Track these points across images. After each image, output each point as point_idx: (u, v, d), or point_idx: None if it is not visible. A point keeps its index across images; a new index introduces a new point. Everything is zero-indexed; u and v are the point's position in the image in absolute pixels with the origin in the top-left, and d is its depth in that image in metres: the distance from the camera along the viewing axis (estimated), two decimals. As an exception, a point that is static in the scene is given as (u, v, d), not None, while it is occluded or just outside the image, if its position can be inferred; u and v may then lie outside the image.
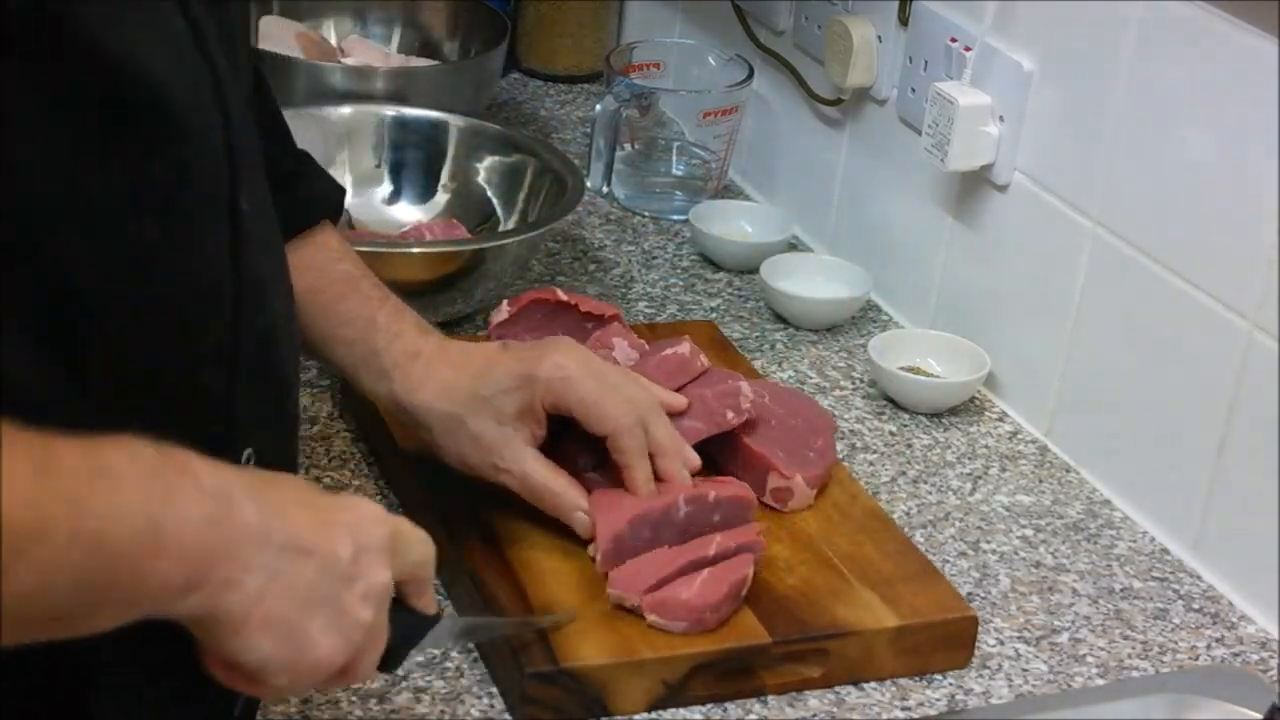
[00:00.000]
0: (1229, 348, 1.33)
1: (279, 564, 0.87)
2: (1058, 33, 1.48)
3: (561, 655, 1.15)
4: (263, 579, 0.86)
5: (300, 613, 0.89)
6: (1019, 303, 1.55)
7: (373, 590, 0.92)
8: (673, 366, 1.34)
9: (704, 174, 1.87)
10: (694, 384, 1.35)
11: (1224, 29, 1.31)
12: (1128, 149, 1.42)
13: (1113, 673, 1.26)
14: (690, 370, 1.35)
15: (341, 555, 0.91)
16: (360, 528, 0.93)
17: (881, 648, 1.22)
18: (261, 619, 0.87)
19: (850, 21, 1.69)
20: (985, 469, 1.48)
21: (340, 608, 0.91)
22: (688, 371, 1.35)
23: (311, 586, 0.89)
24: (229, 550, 0.85)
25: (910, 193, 1.67)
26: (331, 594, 0.90)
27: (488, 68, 1.91)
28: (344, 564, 0.91)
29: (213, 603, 0.85)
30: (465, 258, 1.54)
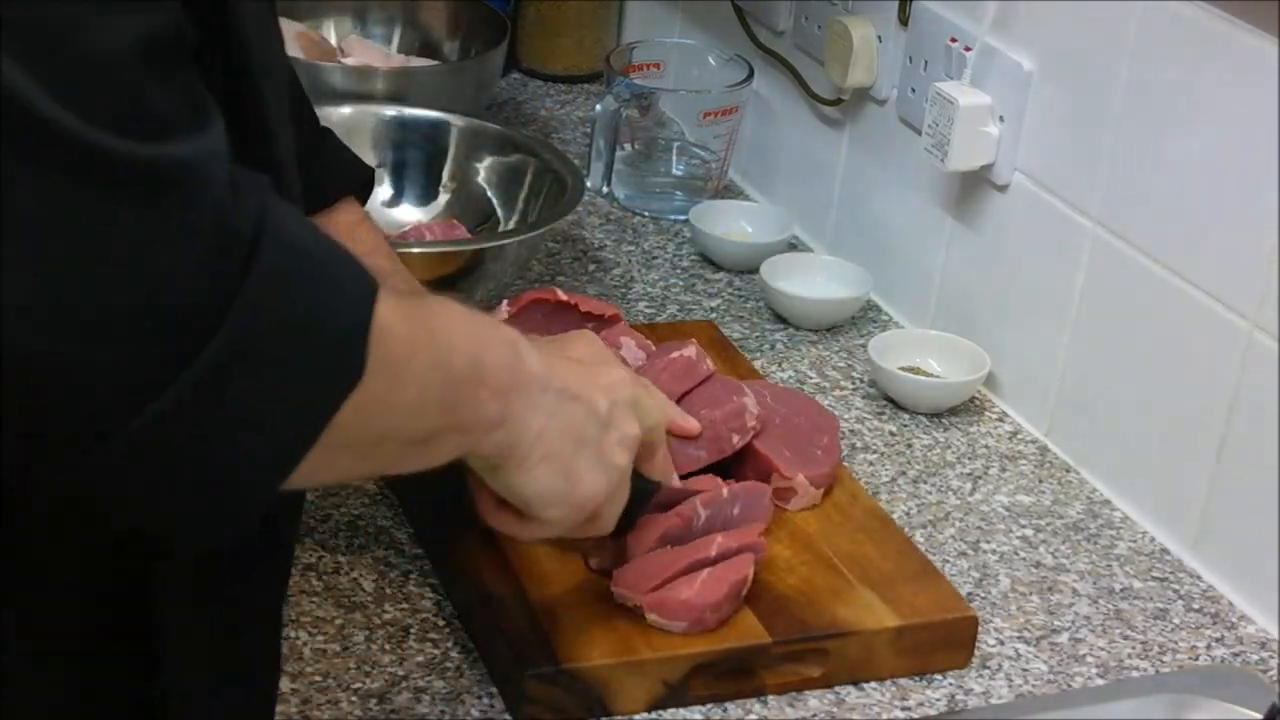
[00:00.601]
0: (1229, 348, 1.33)
1: (556, 406, 1.01)
2: (1058, 33, 1.48)
3: (562, 655, 1.15)
4: (544, 418, 1.00)
5: (572, 450, 1.03)
6: (1019, 303, 1.55)
7: (626, 438, 1.08)
8: (679, 370, 1.34)
9: (704, 174, 1.87)
10: (699, 393, 1.34)
11: (1224, 29, 1.31)
12: (1128, 149, 1.42)
13: (1113, 673, 1.26)
14: (696, 374, 1.35)
15: (601, 405, 1.05)
16: (614, 386, 1.08)
17: (882, 648, 1.22)
18: (542, 454, 1.01)
19: (850, 21, 1.69)
20: (985, 469, 1.48)
21: (601, 449, 1.05)
22: (694, 375, 1.35)
23: (580, 428, 1.03)
24: (522, 390, 0.98)
25: (910, 193, 1.67)
26: (595, 437, 1.05)
27: (488, 68, 1.91)
28: (603, 413, 1.05)
29: (509, 438, 0.98)
30: (465, 258, 1.54)
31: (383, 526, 1.33)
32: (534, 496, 1.03)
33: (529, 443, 1.00)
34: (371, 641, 1.21)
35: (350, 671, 1.18)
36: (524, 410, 0.98)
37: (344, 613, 1.23)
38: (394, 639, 1.22)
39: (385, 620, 1.23)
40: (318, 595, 1.25)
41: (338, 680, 1.18)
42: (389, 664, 1.19)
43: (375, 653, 1.20)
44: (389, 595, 1.26)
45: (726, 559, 1.21)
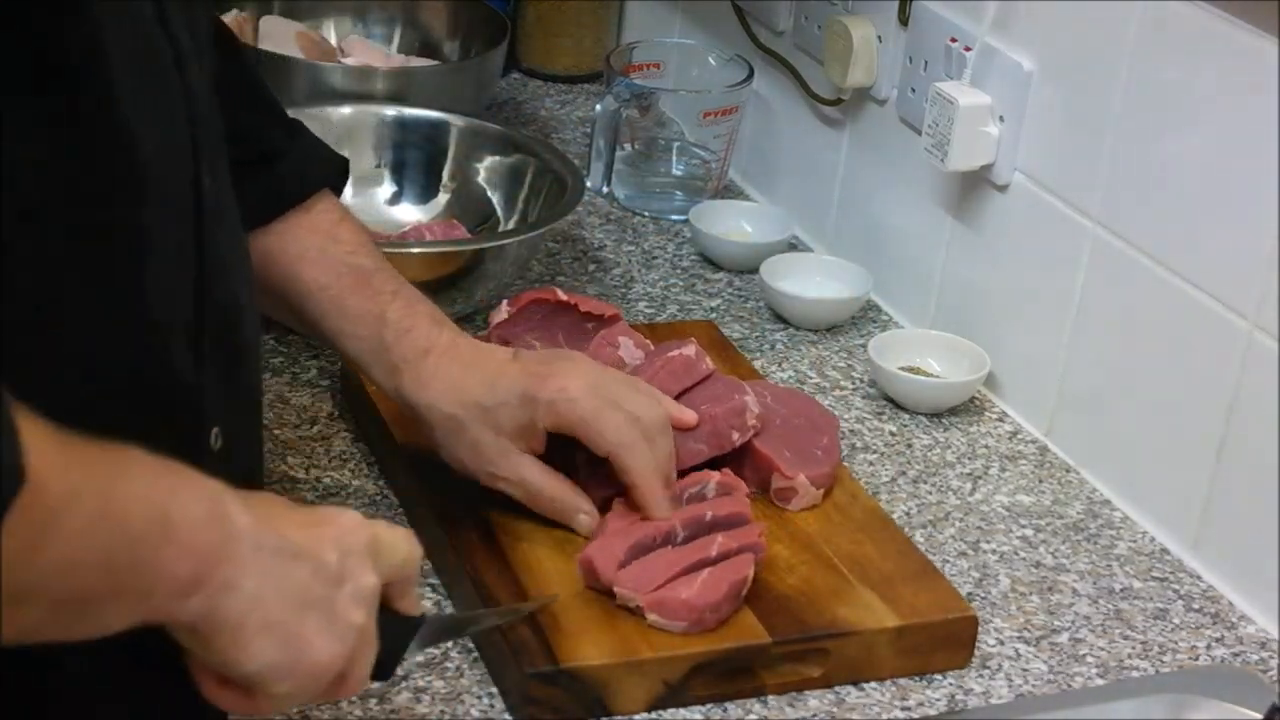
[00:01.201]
0: (1229, 348, 1.33)
1: (272, 567, 0.88)
2: (1058, 33, 1.48)
3: (562, 655, 1.15)
4: (258, 581, 0.87)
5: (296, 615, 0.90)
6: (1019, 303, 1.55)
7: (361, 592, 0.94)
8: (678, 369, 1.34)
9: (704, 174, 1.87)
10: (700, 391, 1.34)
11: (1224, 29, 1.31)
12: (1128, 149, 1.42)
13: (1113, 673, 1.26)
14: (696, 373, 1.35)
15: (329, 559, 0.92)
16: (343, 534, 0.94)
17: (882, 648, 1.22)
18: (259, 622, 0.88)
19: (850, 21, 1.69)
20: (985, 469, 1.48)
21: (333, 610, 0.92)
22: (693, 374, 1.35)
23: (304, 589, 0.90)
24: (226, 551, 0.86)
25: (910, 193, 1.67)
26: (324, 596, 0.91)
27: (488, 68, 1.91)
28: (332, 567, 0.92)
29: (213, 605, 0.86)
30: (465, 258, 1.54)
31: (383, 526, 1.32)
32: (256, 672, 0.89)
33: (243, 609, 0.87)
34: (371, 641, 1.21)
35: (350, 671, 1.18)
36: (231, 573, 0.86)
37: (344, 613, 1.23)
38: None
39: (385, 620, 1.23)
40: (318, 595, 1.25)
41: (338, 680, 1.17)
42: (389, 664, 1.19)
43: (375, 653, 1.20)
44: (389, 595, 1.25)
45: (726, 559, 1.21)
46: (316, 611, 0.91)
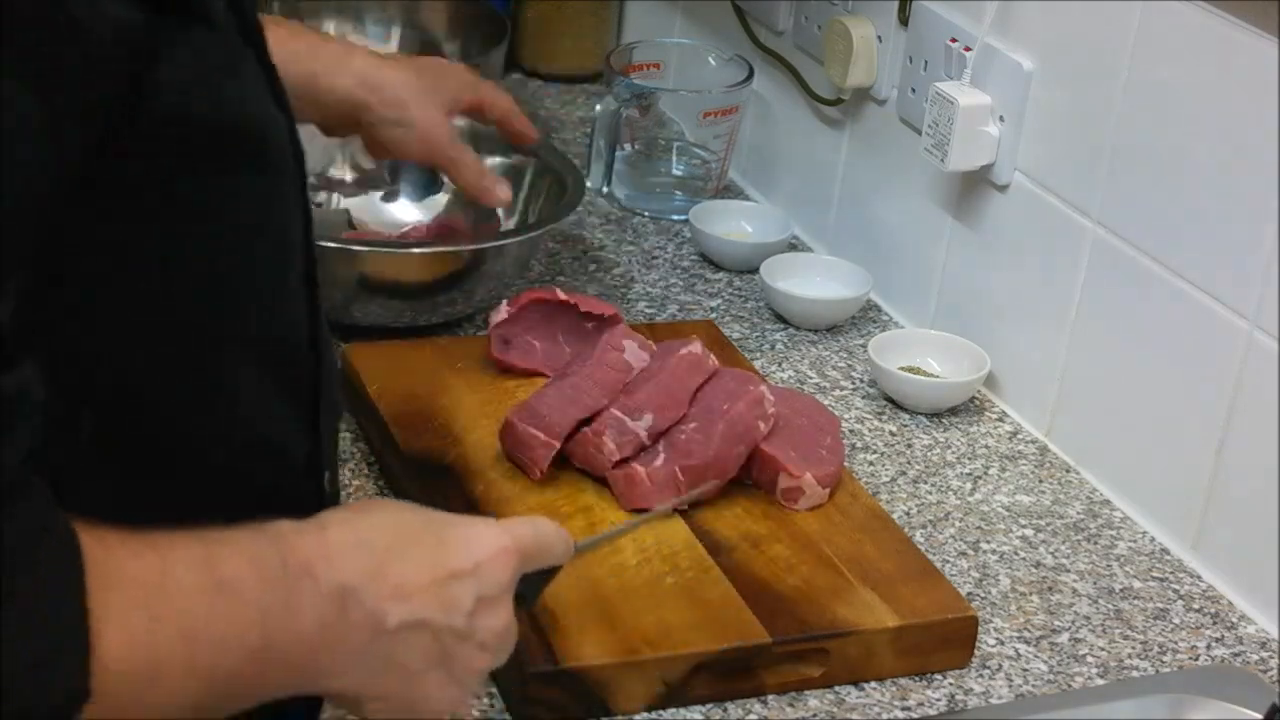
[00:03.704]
0: (1229, 348, 1.33)
1: (391, 647, 0.89)
2: (1058, 33, 1.48)
3: (562, 655, 1.15)
4: (374, 664, 0.89)
5: (413, 683, 0.91)
6: (1019, 303, 1.55)
7: (491, 638, 0.95)
8: (687, 367, 1.34)
9: (704, 174, 1.87)
10: (712, 387, 1.34)
11: (1224, 29, 1.31)
12: (1128, 149, 1.42)
13: (1113, 673, 1.26)
14: (704, 369, 1.35)
15: (460, 612, 0.92)
16: (484, 574, 0.94)
17: (882, 647, 1.22)
18: (374, 694, 0.90)
19: (850, 21, 1.69)
20: (985, 469, 1.48)
21: (455, 666, 0.93)
22: (702, 371, 1.35)
23: (425, 655, 0.91)
24: (340, 648, 0.87)
25: (910, 193, 1.67)
26: (447, 655, 0.92)
27: (488, 68, 1.90)
28: (461, 621, 0.92)
29: (323, 688, 0.88)
30: (465, 258, 1.54)
31: (383, 526, 1.32)
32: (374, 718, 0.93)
33: (356, 688, 0.89)
34: (372, 641, 1.21)
35: (350, 671, 1.18)
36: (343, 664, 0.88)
37: (344, 613, 1.23)
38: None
39: (385, 620, 1.23)
40: (318, 595, 1.25)
41: (338, 680, 1.17)
42: (389, 664, 1.19)
43: (375, 653, 1.20)
44: (389, 595, 1.25)
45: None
46: (436, 671, 0.92)
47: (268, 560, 0.84)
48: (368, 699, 0.90)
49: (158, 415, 0.87)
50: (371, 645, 0.88)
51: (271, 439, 0.95)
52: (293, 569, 0.85)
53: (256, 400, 0.92)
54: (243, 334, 0.91)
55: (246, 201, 0.88)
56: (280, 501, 0.90)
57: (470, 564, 0.93)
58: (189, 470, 0.90)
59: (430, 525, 0.94)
